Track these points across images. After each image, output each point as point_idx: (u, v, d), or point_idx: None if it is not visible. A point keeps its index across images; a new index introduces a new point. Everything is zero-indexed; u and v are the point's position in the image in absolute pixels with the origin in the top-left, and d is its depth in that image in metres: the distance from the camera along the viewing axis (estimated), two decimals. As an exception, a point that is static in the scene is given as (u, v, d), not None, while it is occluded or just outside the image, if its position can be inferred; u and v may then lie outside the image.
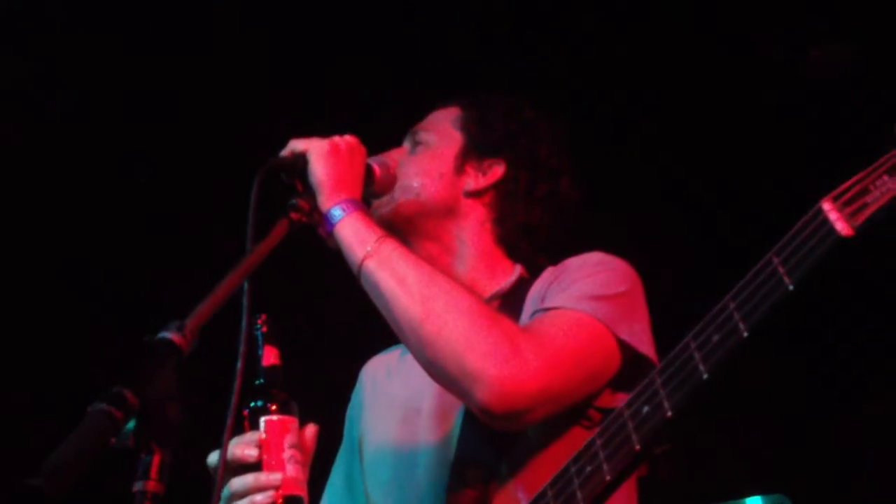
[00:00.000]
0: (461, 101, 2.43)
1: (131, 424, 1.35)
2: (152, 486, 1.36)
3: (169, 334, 1.44)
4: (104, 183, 3.87)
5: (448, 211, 2.32)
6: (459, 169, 2.34)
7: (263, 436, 1.90)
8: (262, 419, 1.92)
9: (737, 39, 3.32)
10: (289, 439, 1.91)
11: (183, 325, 1.46)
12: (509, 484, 2.00)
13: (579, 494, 1.70)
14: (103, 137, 3.79)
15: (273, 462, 1.89)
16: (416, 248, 2.21)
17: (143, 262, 3.93)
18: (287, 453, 1.89)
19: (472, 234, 2.34)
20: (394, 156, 2.34)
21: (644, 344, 2.00)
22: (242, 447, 1.90)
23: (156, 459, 1.37)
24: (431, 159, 2.33)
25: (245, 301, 1.72)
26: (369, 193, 2.18)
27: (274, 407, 1.93)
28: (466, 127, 2.37)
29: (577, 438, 1.96)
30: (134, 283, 3.93)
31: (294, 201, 2.00)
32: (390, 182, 2.25)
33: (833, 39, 3.10)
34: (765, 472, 3.39)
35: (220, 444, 1.70)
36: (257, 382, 1.96)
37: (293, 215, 1.97)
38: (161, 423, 1.37)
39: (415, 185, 2.28)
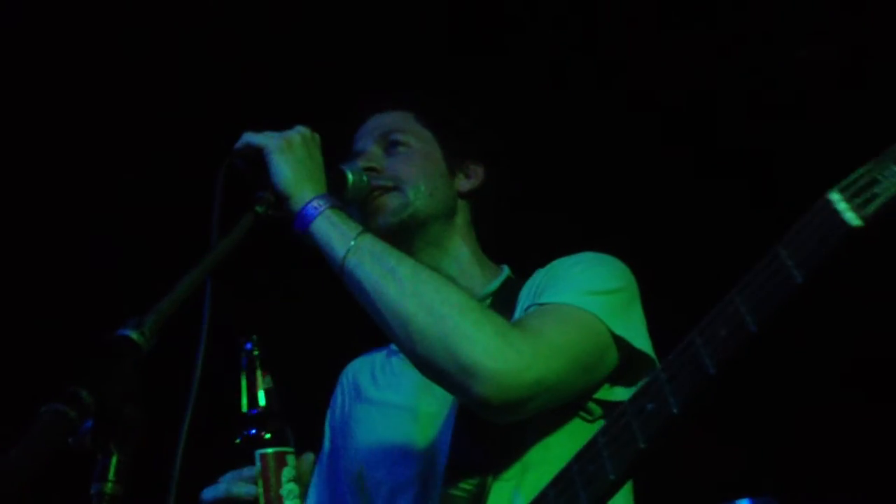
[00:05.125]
0: (408, 105, 2.39)
1: (89, 425, 1.31)
2: (110, 487, 1.33)
3: (127, 332, 1.39)
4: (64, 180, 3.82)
5: (450, 213, 2.32)
6: (451, 171, 2.34)
7: (260, 470, 1.84)
8: (258, 453, 1.86)
9: (728, 34, 3.34)
10: (286, 473, 1.85)
11: (142, 322, 1.41)
12: (506, 484, 1.97)
13: (582, 495, 1.65)
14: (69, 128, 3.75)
15: (271, 500, 1.84)
16: (419, 255, 2.16)
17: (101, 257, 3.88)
18: (285, 489, 1.84)
19: (464, 235, 2.35)
20: (368, 158, 2.29)
21: (640, 339, 1.98)
22: (239, 484, 1.86)
23: (114, 461, 1.34)
24: (426, 160, 2.31)
25: (207, 298, 1.69)
26: (341, 200, 2.09)
27: (269, 438, 1.87)
28: (435, 131, 2.36)
29: (575, 433, 1.96)
30: (91, 281, 3.87)
31: (260, 194, 1.94)
32: (363, 188, 2.20)
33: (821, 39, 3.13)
34: (754, 474, 3.40)
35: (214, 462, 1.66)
36: (250, 413, 1.89)
37: (259, 208, 1.91)
38: (119, 423, 1.33)
39: (423, 187, 2.26)
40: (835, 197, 1.42)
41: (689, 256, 3.43)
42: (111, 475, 1.34)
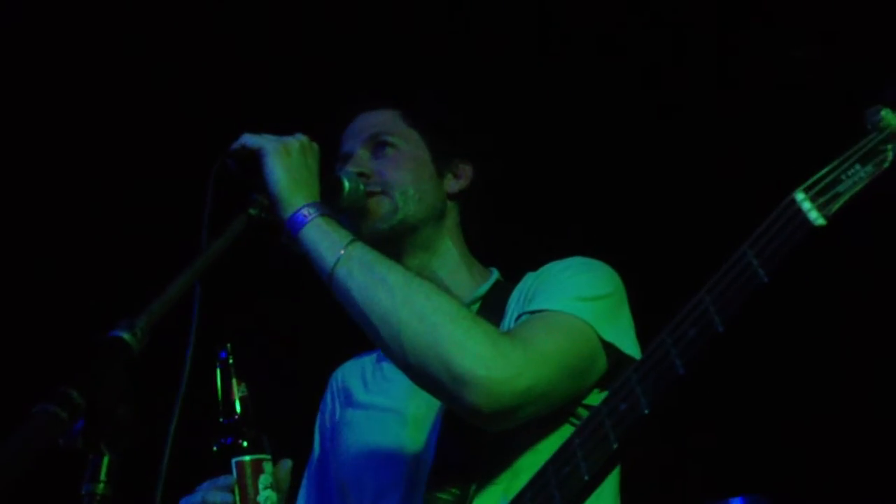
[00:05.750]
0: (395, 104, 2.38)
1: (80, 425, 1.31)
2: (101, 488, 1.33)
3: (119, 333, 1.40)
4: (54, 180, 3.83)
5: (439, 216, 2.30)
6: (439, 172, 2.33)
7: (236, 478, 1.84)
8: (234, 460, 1.86)
9: (706, 34, 3.35)
10: (263, 480, 1.85)
11: (133, 323, 1.41)
12: (495, 488, 1.97)
13: (557, 495, 1.67)
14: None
15: None
16: (409, 259, 2.18)
17: (93, 258, 3.88)
18: (262, 496, 1.84)
19: (453, 237, 2.33)
20: (356, 163, 2.29)
21: (629, 344, 1.99)
22: (216, 493, 1.86)
23: (105, 461, 1.34)
24: (414, 163, 2.30)
25: (196, 300, 1.70)
26: (335, 207, 2.09)
27: (246, 446, 1.87)
28: (421, 130, 2.34)
29: (565, 438, 1.96)
30: (85, 281, 3.87)
31: (253, 196, 1.94)
32: (359, 197, 2.19)
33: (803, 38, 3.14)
34: (747, 473, 3.40)
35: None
36: (226, 421, 1.89)
37: (252, 211, 1.91)
38: (110, 424, 1.33)
39: (411, 191, 2.24)
40: (800, 196, 1.45)
41: (678, 260, 3.42)
42: (102, 476, 1.34)
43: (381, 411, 2.20)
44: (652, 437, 1.63)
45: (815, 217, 1.41)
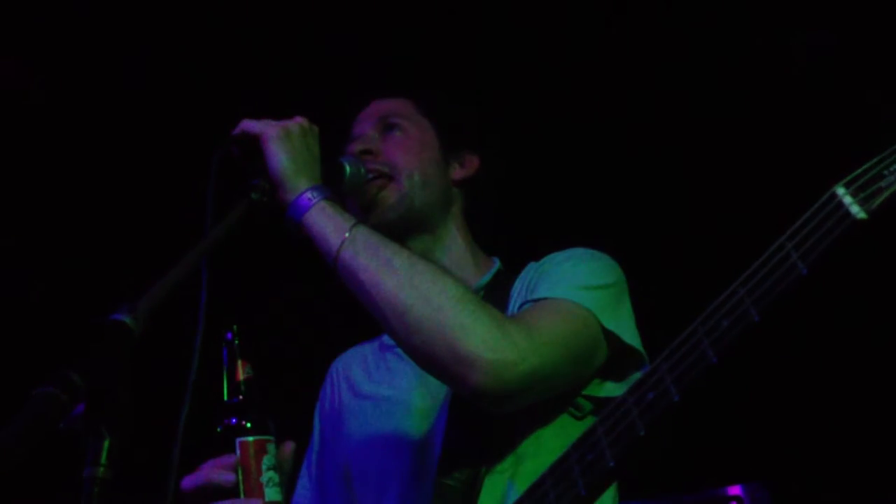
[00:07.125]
0: (407, 94, 2.41)
1: (80, 409, 1.31)
2: (101, 472, 1.32)
3: (120, 316, 1.38)
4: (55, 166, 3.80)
5: (446, 202, 2.32)
6: (445, 159, 2.35)
7: (240, 458, 1.83)
8: (238, 440, 1.85)
9: (733, 27, 3.34)
10: (266, 461, 1.84)
11: (135, 307, 1.40)
12: (500, 476, 1.98)
13: (580, 482, 1.67)
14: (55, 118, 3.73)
15: (251, 487, 1.82)
16: (413, 244, 2.18)
17: (98, 243, 3.86)
18: (265, 476, 1.82)
19: (458, 225, 2.34)
20: (364, 141, 2.29)
21: (629, 334, 2.01)
22: (219, 472, 1.84)
23: (105, 445, 1.33)
24: (422, 146, 2.31)
25: (203, 284, 1.70)
26: (338, 191, 2.08)
27: (249, 426, 1.85)
28: (432, 119, 2.37)
29: (566, 427, 1.98)
30: (88, 265, 3.85)
31: (255, 181, 1.93)
32: (360, 180, 2.19)
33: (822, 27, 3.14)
34: (744, 461, 3.43)
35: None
36: (232, 401, 1.88)
37: (254, 195, 1.90)
38: (111, 407, 1.33)
39: (417, 175, 2.26)
40: (841, 191, 1.45)
41: (681, 251, 3.44)
42: (103, 459, 1.33)
43: (386, 402, 2.20)
44: (679, 425, 1.63)
45: (857, 211, 1.41)
